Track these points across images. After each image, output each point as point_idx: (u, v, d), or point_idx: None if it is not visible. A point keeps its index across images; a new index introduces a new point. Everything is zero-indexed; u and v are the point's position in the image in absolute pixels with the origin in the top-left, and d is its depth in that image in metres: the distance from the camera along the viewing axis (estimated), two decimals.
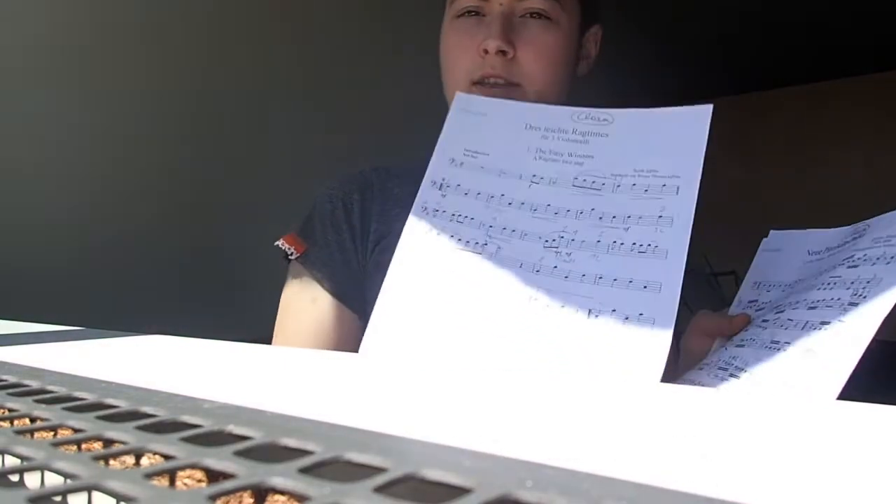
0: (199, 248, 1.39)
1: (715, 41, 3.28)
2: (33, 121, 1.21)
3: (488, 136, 0.61)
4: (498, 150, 0.60)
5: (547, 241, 0.55)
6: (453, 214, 0.58)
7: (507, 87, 0.75)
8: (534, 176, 0.58)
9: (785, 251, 0.58)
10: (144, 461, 0.21)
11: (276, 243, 0.77)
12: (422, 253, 0.56)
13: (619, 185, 0.56)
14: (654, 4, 2.78)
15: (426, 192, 0.59)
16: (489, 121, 0.62)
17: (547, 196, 0.57)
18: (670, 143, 0.56)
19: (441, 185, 0.60)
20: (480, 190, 0.59)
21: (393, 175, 0.83)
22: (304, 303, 0.77)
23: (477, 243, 0.56)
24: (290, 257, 0.77)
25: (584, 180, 0.57)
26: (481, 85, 0.75)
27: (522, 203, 0.57)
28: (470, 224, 0.57)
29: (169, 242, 1.38)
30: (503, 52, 0.74)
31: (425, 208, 0.59)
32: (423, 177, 0.83)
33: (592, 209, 0.55)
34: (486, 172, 0.59)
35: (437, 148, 0.62)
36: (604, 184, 0.56)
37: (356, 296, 0.77)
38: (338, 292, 0.76)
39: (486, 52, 0.74)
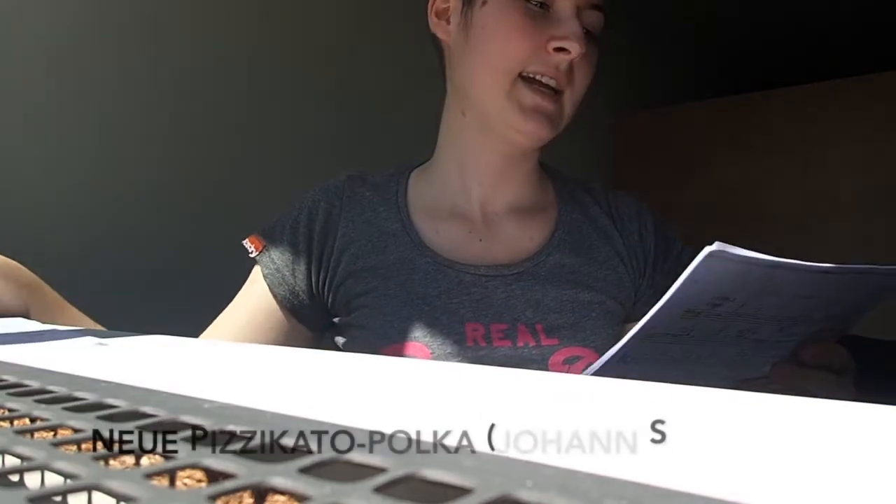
0: (200, 248, 1.40)
1: (714, 41, 3.28)
2: (33, 120, 1.21)
3: None
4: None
5: None
6: None
7: (554, 94, 0.71)
8: None
9: None
10: (144, 461, 0.21)
11: (243, 242, 0.81)
12: None
13: None
14: (651, 3, 2.78)
15: None
16: None
17: None
18: None
19: None
20: None
21: (368, 182, 0.82)
22: (254, 295, 0.78)
23: None
24: (250, 255, 0.80)
25: None
26: (530, 81, 0.71)
27: None
28: None
29: (170, 242, 1.38)
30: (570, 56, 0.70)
31: None
32: (397, 182, 0.82)
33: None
34: None
35: None
36: None
37: (300, 301, 0.77)
38: (279, 293, 0.77)
39: (558, 50, 0.70)
